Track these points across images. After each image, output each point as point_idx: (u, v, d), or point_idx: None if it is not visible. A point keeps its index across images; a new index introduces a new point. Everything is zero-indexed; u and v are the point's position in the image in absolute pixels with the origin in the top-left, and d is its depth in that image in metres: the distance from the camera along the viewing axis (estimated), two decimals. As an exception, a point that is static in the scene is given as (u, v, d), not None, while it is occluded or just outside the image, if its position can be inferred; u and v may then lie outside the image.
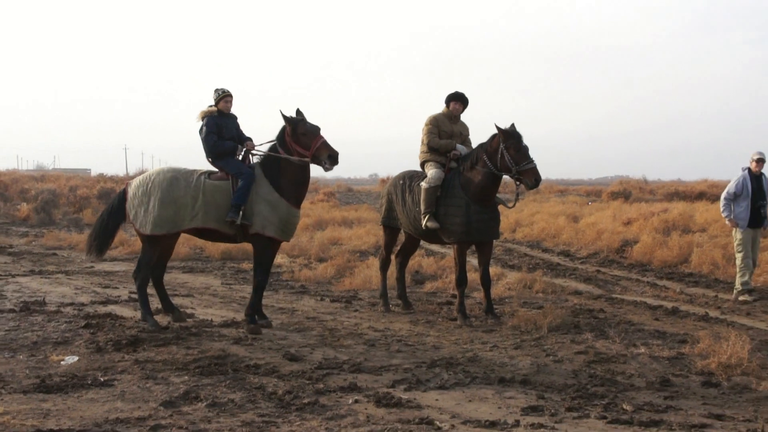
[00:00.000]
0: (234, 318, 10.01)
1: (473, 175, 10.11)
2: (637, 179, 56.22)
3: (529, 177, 9.88)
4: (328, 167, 9.22)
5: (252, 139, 9.70)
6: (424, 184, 10.29)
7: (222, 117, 9.66)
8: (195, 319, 9.89)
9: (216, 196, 9.22)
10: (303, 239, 19.14)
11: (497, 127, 10.02)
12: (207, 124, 9.52)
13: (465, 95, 10.69)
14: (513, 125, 10.04)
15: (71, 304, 11.04)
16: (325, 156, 9.14)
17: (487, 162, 10.02)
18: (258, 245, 9.32)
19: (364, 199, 42.37)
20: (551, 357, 8.11)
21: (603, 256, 17.28)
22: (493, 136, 10.11)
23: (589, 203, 33.63)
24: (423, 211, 10.25)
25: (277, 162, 9.31)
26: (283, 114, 9.34)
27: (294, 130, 9.27)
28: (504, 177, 10.21)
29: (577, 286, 13.47)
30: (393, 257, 11.54)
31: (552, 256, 18.04)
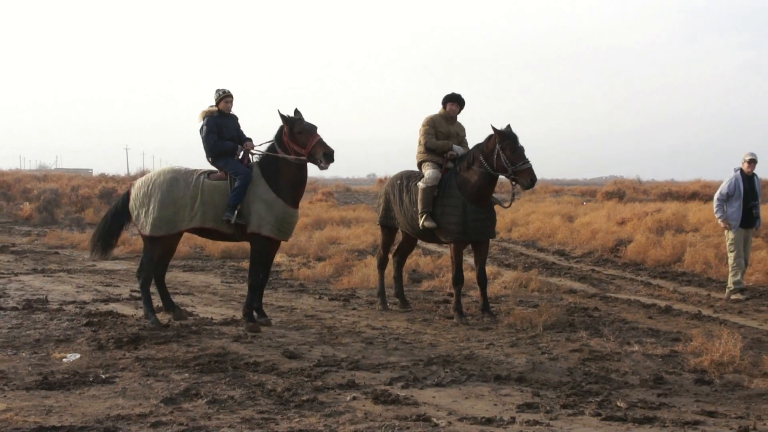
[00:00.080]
0: (234, 316, 10.00)
1: (470, 176, 10.12)
2: (631, 179, 56.21)
3: (525, 177, 9.88)
4: (323, 165, 9.18)
5: (252, 140, 9.70)
6: (421, 184, 10.29)
7: (222, 117, 9.66)
8: (195, 317, 9.89)
9: (214, 195, 9.22)
10: (302, 238, 19.13)
11: (493, 128, 10.02)
12: (207, 123, 9.53)
13: (461, 96, 10.69)
14: (509, 126, 10.05)
15: (73, 302, 11.03)
16: (321, 154, 9.10)
17: (484, 162, 10.02)
18: (255, 244, 9.32)
19: (362, 199, 42.34)
20: (546, 355, 8.11)
21: (597, 255, 17.29)
22: (490, 136, 10.11)
23: (584, 203, 33.64)
24: (420, 211, 10.25)
25: (275, 162, 9.30)
26: (281, 113, 9.34)
27: (291, 129, 9.25)
28: (500, 177, 10.22)
29: (572, 284, 13.48)
30: (390, 256, 11.54)
31: (547, 255, 18.05)
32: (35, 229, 24.01)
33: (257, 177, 9.27)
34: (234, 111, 9.87)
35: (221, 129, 9.54)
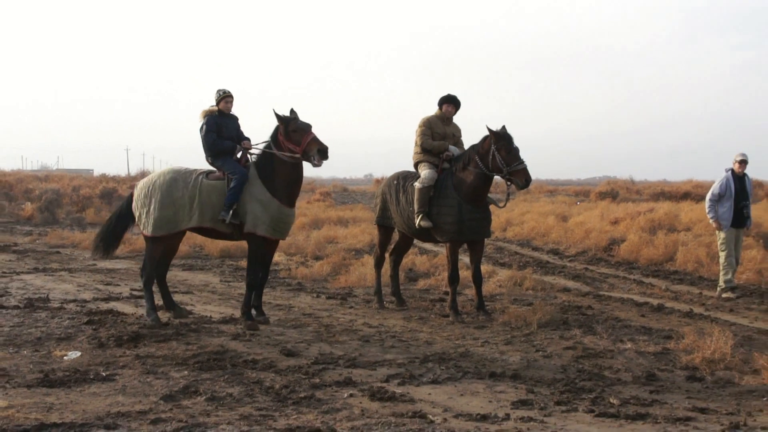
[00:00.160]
0: (232, 314, 9.99)
1: (465, 176, 10.12)
2: (625, 180, 56.22)
3: (520, 177, 9.89)
4: (316, 163, 9.10)
5: (250, 140, 9.69)
6: (417, 184, 10.29)
7: (222, 117, 9.66)
8: (194, 316, 9.88)
9: (212, 195, 9.23)
10: (299, 238, 19.13)
11: (489, 129, 10.03)
12: (207, 122, 9.55)
13: (457, 98, 10.69)
14: (504, 127, 10.06)
15: (74, 300, 11.02)
16: (315, 150, 9.04)
17: (479, 163, 10.02)
18: (252, 244, 9.32)
19: (359, 199, 42.33)
20: (541, 352, 8.12)
21: (591, 254, 17.30)
22: (485, 137, 10.11)
23: (578, 203, 33.65)
24: (416, 211, 10.26)
25: (271, 162, 9.28)
26: (276, 113, 9.32)
27: (286, 127, 9.23)
28: (495, 177, 10.22)
29: (566, 283, 13.49)
30: (387, 255, 11.55)
31: (541, 254, 18.06)
32: (37, 229, 23.97)
33: (253, 177, 9.26)
34: (234, 111, 9.88)
35: (220, 128, 9.54)
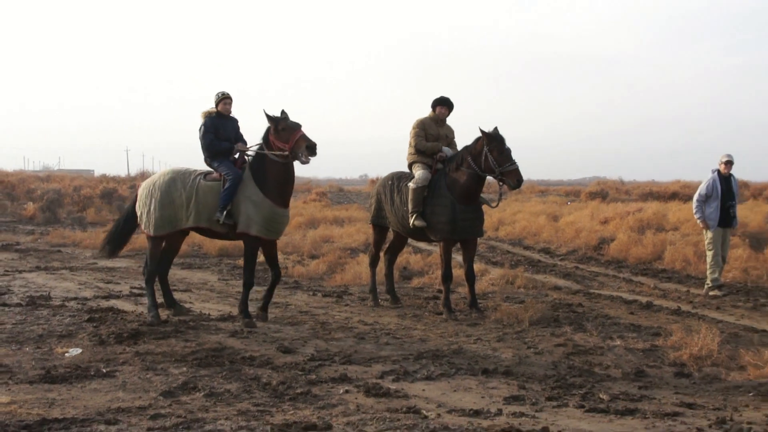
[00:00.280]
0: (230, 312, 9.98)
1: (458, 176, 10.13)
2: (614, 180, 56.32)
3: (512, 178, 9.90)
4: (305, 159, 8.94)
5: (246, 142, 9.68)
6: (411, 184, 10.30)
7: (221, 118, 9.65)
8: (193, 313, 9.88)
9: (208, 196, 9.22)
10: (296, 237, 19.11)
11: (481, 131, 10.03)
12: (205, 124, 9.55)
13: (450, 100, 10.70)
14: (496, 128, 10.06)
15: (75, 298, 11.00)
16: (303, 147, 8.89)
17: (472, 164, 10.03)
18: (246, 244, 9.31)
19: (354, 199, 42.27)
20: (532, 349, 8.12)
21: (581, 253, 17.32)
22: (478, 139, 10.12)
23: (568, 203, 33.65)
24: (411, 211, 10.26)
25: (263, 163, 9.23)
26: (266, 113, 9.27)
27: (275, 127, 9.15)
28: (488, 178, 10.23)
29: (557, 281, 13.50)
30: (382, 254, 11.55)
31: (533, 253, 18.07)
32: (38, 228, 23.92)
33: (247, 178, 9.22)
34: (235, 112, 9.87)
35: (218, 130, 9.53)
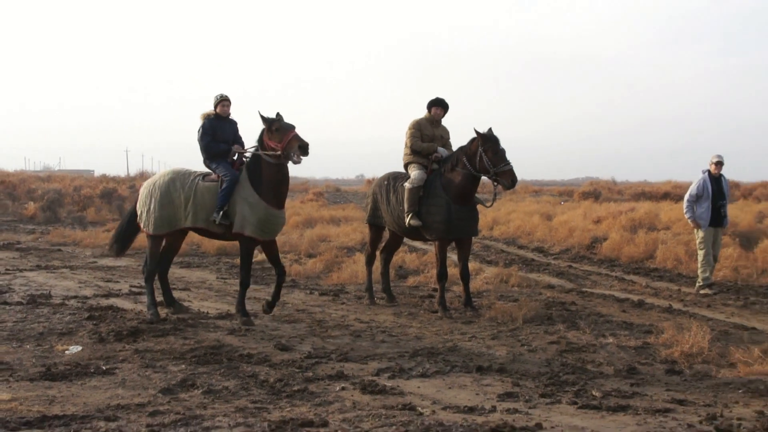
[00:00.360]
0: (228, 310, 9.98)
1: (454, 177, 10.13)
2: (607, 180, 56.28)
3: (506, 178, 9.90)
4: (296, 159, 8.89)
5: (244, 144, 9.67)
6: (407, 184, 10.30)
7: (219, 120, 9.65)
8: (192, 312, 9.87)
9: (205, 197, 9.22)
10: (293, 236, 19.09)
11: (476, 131, 10.04)
12: (203, 126, 9.56)
13: (445, 101, 10.70)
14: (490, 129, 10.07)
15: (75, 297, 10.98)
16: (296, 147, 8.84)
17: (467, 164, 10.03)
18: (242, 244, 9.30)
19: (351, 199, 42.24)
20: (526, 347, 8.13)
21: (574, 252, 17.34)
22: (472, 139, 10.12)
23: (562, 203, 33.67)
24: (406, 210, 10.26)
25: (259, 164, 9.21)
26: (261, 114, 9.25)
27: (269, 127, 9.13)
28: (482, 178, 10.24)
29: (550, 280, 13.51)
30: (378, 253, 11.55)
31: (527, 252, 18.09)
32: (39, 228, 23.89)
33: (243, 179, 9.20)
34: (235, 112, 9.87)
35: (216, 132, 9.53)
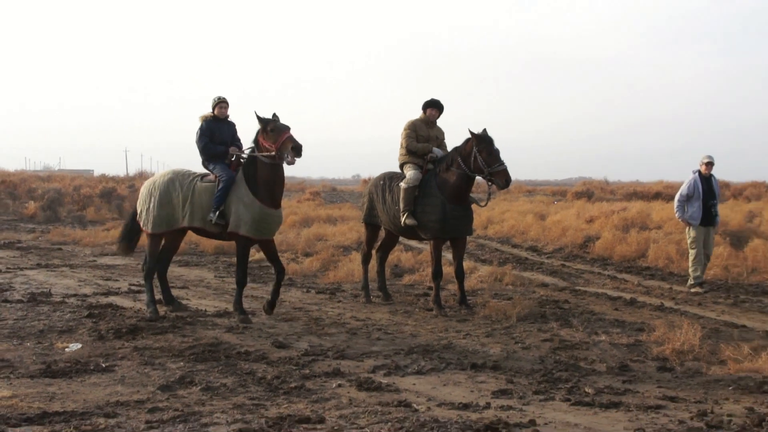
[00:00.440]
0: (226, 308, 9.97)
1: (448, 176, 10.13)
2: (599, 180, 56.40)
3: (500, 178, 9.90)
4: (290, 160, 8.87)
5: (241, 146, 9.66)
6: (403, 184, 10.30)
7: (217, 122, 9.66)
8: (190, 310, 9.86)
9: (203, 197, 9.22)
10: (290, 235, 19.08)
11: (471, 132, 10.04)
12: (201, 127, 9.58)
13: (440, 102, 10.70)
14: (485, 130, 10.07)
15: (75, 295, 10.97)
16: (289, 148, 8.82)
17: (462, 164, 10.03)
18: (238, 243, 9.29)
19: (347, 198, 42.25)
20: (520, 344, 8.13)
21: (567, 251, 17.35)
22: (467, 140, 10.12)
23: (555, 202, 33.72)
24: (402, 210, 10.26)
25: (254, 165, 9.20)
26: (257, 114, 9.24)
27: (264, 128, 9.11)
28: (477, 178, 10.24)
29: (544, 278, 13.52)
30: (374, 252, 11.54)
31: (521, 251, 18.10)
32: (39, 227, 23.84)
33: (240, 180, 9.20)
34: (235, 112, 9.90)
35: (214, 133, 9.55)
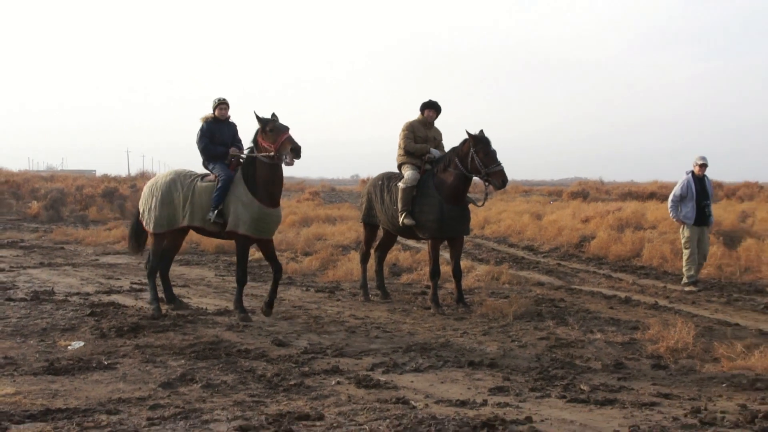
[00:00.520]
0: (227, 307, 9.97)
1: (446, 177, 10.13)
2: (595, 180, 56.39)
3: (497, 178, 9.90)
4: (288, 161, 8.83)
5: (242, 147, 9.66)
6: (401, 184, 10.30)
7: (217, 123, 9.66)
8: (191, 308, 9.86)
9: (202, 197, 9.23)
10: (290, 235, 19.09)
11: (468, 133, 10.04)
12: (201, 128, 9.59)
13: (438, 103, 10.70)
14: (482, 131, 10.07)
15: (77, 293, 10.97)
16: (288, 149, 8.78)
17: (459, 164, 10.04)
18: (237, 243, 9.29)
19: (346, 198, 42.24)
20: (516, 342, 8.14)
21: (563, 250, 17.35)
22: (464, 141, 10.13)
23: (551, 202, 33.73)
24: (400, 209, 10.26)
25: (253, 165, 9.18)
26: (256, 114, 9.23)
27: (264, 128, 9.09)
28: (474, 178, 10.24)
29: (540, 277, 13.52)
30: (372, 251, 11.55)
31: (517, 250, 18.10)
32: (42, 226, 23.83)
33: (238, 179, 9.19)
34: (235, 113, 9.91)
35: (214, 134, 9.56)
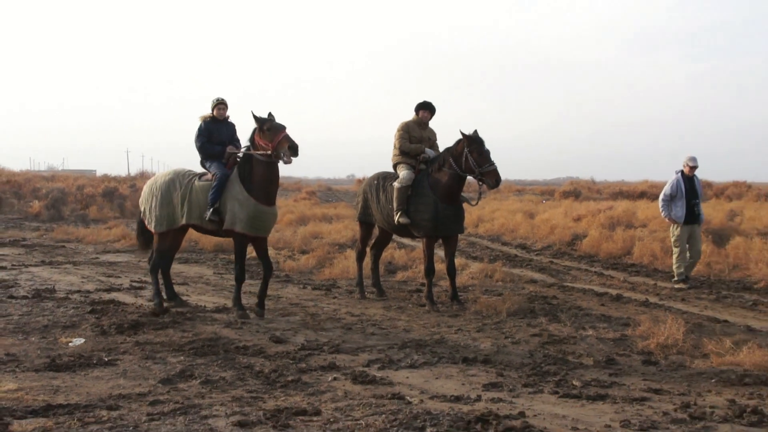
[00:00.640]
0: (225, 304, 9.96)
1: (440, 176, 10.13)
2: (586, 180, 56.47)
3: (491, 178, 9.91)
4: (287, 160, 8.83)
5: (239, 147, 9.65)
6: (396, 184, 10.30)
7: (215, 123, 9.65)
8: (190, 305, 9.84)
9: (199, 195, 9.24)
10: (287, 233, 19.07)
11: (462, 133, 10.04)
12: (199, 128, 9.59)
13: (432, 104, 10.71)
14: (476, 131, 10.07)
15: (78, 291, 10.94)
16: (286, 147, 8.77)
17: (453, 164, 10.04)
18: (235, 240, 9.28)
19: (342, 198, 42.26)
20: (509, 339, 8.14)
21: (556, 248, 17.37)
22: (458, 141, 10.13)
23: (544, 201, 33.78)
24: (395, 208, 10.26)
25: (249, 163, 9.17)
26: (253, 113, 9.21)
27: (261, 127, 9.06)
28: (468, 177, 10.24)
29: (533, 275, 13.53)
30: (368, 250, 11.55)
31: (510, 248, 18.11)
32: (44, 225, 23.78)
33: (234, 178, 9.18)
34: (235, 112, 9.90)
35: (212, 134, 9.55)
